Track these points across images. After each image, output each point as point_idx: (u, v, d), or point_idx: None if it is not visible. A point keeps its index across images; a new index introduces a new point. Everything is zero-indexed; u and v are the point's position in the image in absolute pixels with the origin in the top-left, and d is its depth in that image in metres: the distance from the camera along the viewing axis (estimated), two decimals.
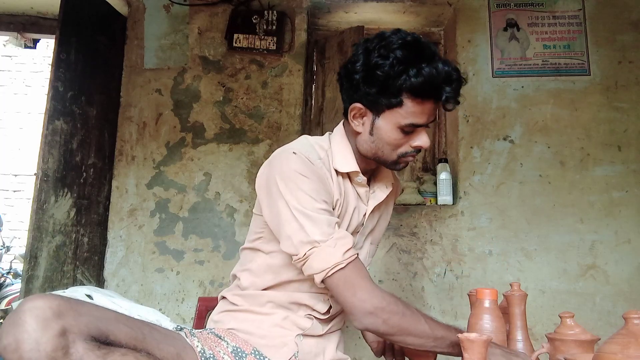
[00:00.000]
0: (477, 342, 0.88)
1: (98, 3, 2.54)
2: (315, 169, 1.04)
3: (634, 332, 0.78)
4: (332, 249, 0.97)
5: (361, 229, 1.17)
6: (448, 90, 0.99)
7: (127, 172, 2.56)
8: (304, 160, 1.03)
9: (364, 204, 1.16)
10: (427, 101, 1.01)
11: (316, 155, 1.09)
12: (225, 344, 1.06)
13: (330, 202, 1.05)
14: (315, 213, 0.98)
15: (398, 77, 0.98)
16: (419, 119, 1.02)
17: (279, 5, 2.63)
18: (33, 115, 6.21)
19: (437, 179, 2.51)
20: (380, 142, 1.07)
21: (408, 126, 1.03)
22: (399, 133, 1.04)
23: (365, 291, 0.97)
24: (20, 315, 0.76)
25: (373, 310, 0.96)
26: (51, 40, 2.82)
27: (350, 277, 0.97)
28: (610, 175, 2.37)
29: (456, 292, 2.34)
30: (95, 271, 2.45)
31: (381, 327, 0.97)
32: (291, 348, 1.07)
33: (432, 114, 1.04)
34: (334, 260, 0.97)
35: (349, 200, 1.13)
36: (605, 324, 2.22)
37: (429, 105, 1.02)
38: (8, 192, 6.19)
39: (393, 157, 1.08)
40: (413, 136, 1.06)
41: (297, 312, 1.11)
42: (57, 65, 2.26)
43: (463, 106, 2.49)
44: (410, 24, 2.88)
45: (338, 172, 1.11)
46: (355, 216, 1.14)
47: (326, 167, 1.09)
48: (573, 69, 2.47)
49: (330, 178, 1.09)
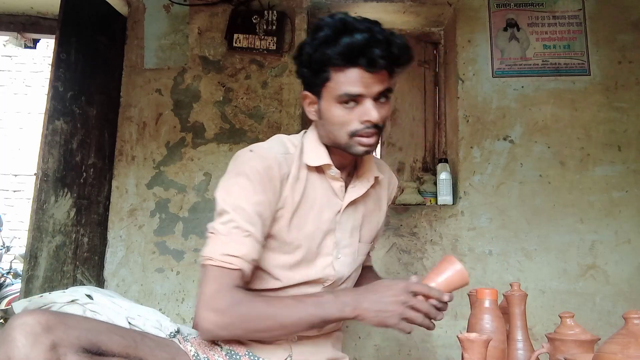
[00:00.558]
0: (477, 342, 0.88)
1: (98, 3, 2.54)
2: (264, 170, 1.02)
3: (634, 332, 0.78)
4: (220, 244, 0.98)
5: (337, 225, 1.12)
6: (371, 52, 0.97)
7: (127, 172, 2.56)
8: (254, 159, 1.04)
9: (339, 199, 1.12)
10: (352, 68, 0.98)
11: (282, 151, 1.08)
12: (219, 347, 1.06)
13: (267, 204, 1.02)
14: (232, 209, 0.99)
15: (320, 52, 1.00)
16: (352, 87, 0.99)
17: (279, 5, 2.63)
18: (33, 115, 6.21)
19: (437, 179, 2.51)
20: (328, 124, 1.04)
21: (343, 97, 1.00)
22: (340, 108, 1.01)
23: (208, 300, 0.95)
24: (10, 332, 0.77)
25: (205, 322, 0.95)
26: (51, 40, 2.82)
27: (210, 277, 0.96)
28: (610, 175, 2.37)
29: (456, 292, 2.33)
30: (95, 271, 2.45)
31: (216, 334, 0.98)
32: (285, 349, 1.07)
33: (370, 82, 0.99)
34: (210, 253, 0.98)
35: (316, 196, 1.09)
36: (605, 324, 2.22)
37: (356, 72, 0.99)
38: (8, 192, 6.20)
39: (344, 137, 1.03)
40: (358, 110, 1.01)
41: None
42: (57, 65, 2.26)
43: (463, 106, 2.49)
44: (410, 24, 2.89)
45: (310, 167, 1.09)
46: (326, 213, 1.10)
47: (291, 164, 1.07)
48: (573, 69, 2.47)
49: (288, 177, 1.06)
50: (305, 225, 1.08)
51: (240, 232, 0.98)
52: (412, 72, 2.89)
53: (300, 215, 1.08)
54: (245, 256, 0.98)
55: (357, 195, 1.13)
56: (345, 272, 1.14)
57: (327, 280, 1.11)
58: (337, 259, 1.12)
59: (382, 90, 1.02)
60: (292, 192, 1.07)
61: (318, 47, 1.01)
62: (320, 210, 1.10)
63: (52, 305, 1.67)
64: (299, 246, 1.08)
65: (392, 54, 0.99)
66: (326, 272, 1.11)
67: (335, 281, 1.13)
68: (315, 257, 1.10)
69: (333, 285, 1.13)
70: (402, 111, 2.86)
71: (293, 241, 1.08)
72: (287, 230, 1.07)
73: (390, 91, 1.04)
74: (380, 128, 1.03)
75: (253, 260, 1.00)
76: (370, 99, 1.01)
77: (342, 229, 1.13)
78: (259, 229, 1.01)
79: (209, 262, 0.97)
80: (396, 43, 1.00)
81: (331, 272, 1.11)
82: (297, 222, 1.08)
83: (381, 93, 1.02)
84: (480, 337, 0.89)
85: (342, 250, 1.13)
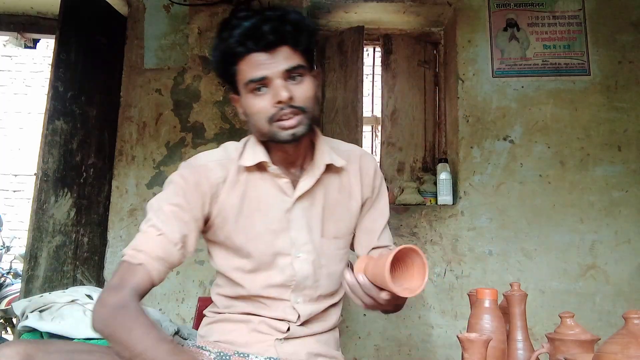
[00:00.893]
0: (477, 342, 0.88)
1: (98, 3, 2.54)
2: (190, 176, 1.04)
3: (634, 332, 0.78)
4: (134, 241, 0.99)
5: (290, 223, 1.07)
6: (260, 32, 0.96)
7: (127, 172, 2.56)
8: (182, 168, 1.07)
9: (287, 196, 1.08)
10: (250, 54, 0.98)
11: (221, 157, 1.09)
12: (207, 352, 1.06)
13: (187, 209, 1.02)
14: (153, 211, 1.02)
15: (220, 49, 1.02)
16: (253, 72, 0.98)
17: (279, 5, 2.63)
18: (33, 115, 6.21)
19: (437, 179, 2.51)
20: (251, 118, 1.03)
21: (250, 84, 0.99)
22: (252, 97, 1.00)
23: (104, 293, 0.95)
24: None
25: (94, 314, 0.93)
26: (51, 40, 2.82)
27: (117, 271, 0.98)
28: (610, 175, 2.37)
29: (456, 292, 2.34)
30: (95, 271, 2.45)
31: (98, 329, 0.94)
32: (271, 353, 1.06)
33: (270, 63, 0.98)
34: (125, 249, 0.99)
35: (260, 197, 1.07)
36: (605, 324, 2.22)
37: (254, 56, 0.98)
38: (8, 192, 6.19)
39: (266, 125, 1.00)
40: (270, 94, 0.99)
41: (268, 317, 1.08)
42: (57, 65, 2.26)
43: (463, 106, 2.50)
44: (410, 24, 2.89)
45: (250, 168, 1.07)
46: (274, 212, 1.07)
47: (230, 168, 1.07)
48: (573, 69, 2.47)
49: (225, 181, 1.05)
50: (253, 227, 1.06)
51: (154, 230, 0.99)
52: (412, 72, 2.89)
53: (246, 217, 1.06)
54: (150, 252, 0.97)
55: (306, 188, 1.07)
56: (309, 270, 1.08)
57: (291, 281, 1.07)
58: (296, 257, 1.07)
59: (289, 68, 0.98)
60: (230, 195, 1.06)
61: (218, 45, 1.02)
62: (267, 210, 1.07)
63: (52, 306, 1.67)
64: (250, 248, 1.06)
65: (282, 29, 0.97)
66: (287, 272, 1.07)
67: (300, 281, 1.08)
68: (273, 258, 1.07)
69: (301, 286, 1.08)
70: (402, 111, 2.86)
71: (243, 244, 1.06)
72: (235, 234, 1.06)
73: (302, 67, 1.00)
74: (303, 108, 0.99)
75: (159, 257, 0.97)
76: (279, 79, 0.98)
77: (297, 226, 1.08)
78: (176, 230, 1.00)
79: (122, 258, 0.99)
80: (289, 18, 0.99)
81: (291, 272, 1.07)
82: (244, 224, 1.06)
83: (290, 71, 0.99)
84: (480, 337, 0.90)
85: (301, 248, 1.08)
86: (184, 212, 1.02)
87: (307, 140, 1.09)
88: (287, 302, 1.08)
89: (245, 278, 1.07)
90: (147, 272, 0.96)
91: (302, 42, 1.01)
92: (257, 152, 1.07)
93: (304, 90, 1.00)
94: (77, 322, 1.59)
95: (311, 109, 1.01)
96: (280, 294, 1.08)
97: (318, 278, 1.09)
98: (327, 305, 1.13)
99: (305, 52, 1.02)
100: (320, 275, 1.10)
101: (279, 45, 0.98)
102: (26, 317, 1.64)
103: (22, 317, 1.67)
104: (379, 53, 3.02)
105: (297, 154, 1.09)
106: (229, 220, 1.06)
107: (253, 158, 1.06)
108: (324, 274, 1.10)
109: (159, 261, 0.98)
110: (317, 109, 1.05)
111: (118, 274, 0.97)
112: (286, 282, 1.07)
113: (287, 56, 0.99)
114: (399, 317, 2.35)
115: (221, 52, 1.02)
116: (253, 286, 1.07)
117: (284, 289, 1.08)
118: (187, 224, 1.02)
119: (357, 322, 2.37)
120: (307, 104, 1.00)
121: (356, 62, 2.73)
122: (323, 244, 1.10)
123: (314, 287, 1.09)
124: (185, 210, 1.02)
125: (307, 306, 1.09)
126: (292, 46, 1.00)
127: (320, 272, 1.10)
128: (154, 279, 0.98)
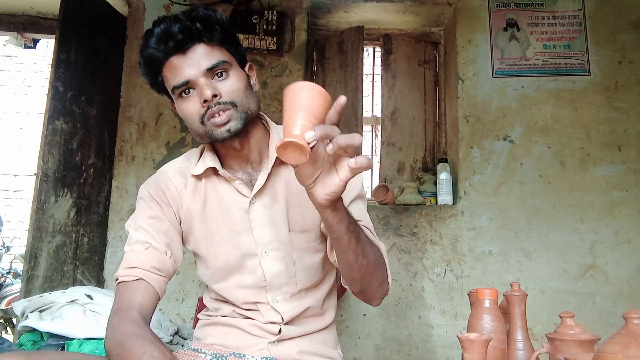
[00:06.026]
0: (477, 342, 0.88)
1: (98, 3, 2.54)
2: (153, 189, 1.07)
3: (634, 332, 0.78)
4: (123, 261, 1.00)
5: (252, 223, 1.05)
6: (170, 34, 0.96)
7: (127, 172, 2.56)
8: (146, 183, 1.10)
9: (244, 196, 1.05)
10: (169, 59, 0.98)
11: (182, 164, 1.10)
12: (203, 355, 1.06)
13: (162, 218, 1.04)
14: (133, 229, 1.04)
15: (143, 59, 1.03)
16: (174, 78, 0.98)
17: (279, 5, 2.63)
18: (33, 115, 6.21)
19: (437, 179, 2.51)
20: (187, 121, 1.02)
21: (175, 90, 0.99)
22: (182, 102, 0.99)
23: (111, 320, 0.94)
24: None
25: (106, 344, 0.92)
26: (51, 40, 2.82)
27: (116, 296, 0.98)
28: (610, 175, 2.37)
29: (456, 292, 2.34)
30: (95, 271, 2.45)
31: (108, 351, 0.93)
32: (266, 354, 1.05)
33: (188, 64, 0.97)
34: (117, 274, 1.00)
35: (220, 200, 1.06)
36: (605, 324, 2.22)
37: (172, 60, 0.98)
38: (8, 192, 6.19)
39: (200, 127, 0.98)
40: (196, 94, 0.98)
41: (256, 319, 1.07)
42: (57, 65, 2.26)
43: (463, 106, 2.50)
44: (410, 24, 2.89)
45: (207, 172, 1.06)
46: (235, 213, 1.05)
47: (187, 176, 1.08)
48: (573, 69, 2.47)
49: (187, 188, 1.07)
50: (218, 230, 1.06)
51: (140, 245, 1.00)
52: (412, 72, 2.89)
53: (210, 222, 1.06)
54: (144, 266, 0.97)
55: (260, 185, 1.04)
56: (280, 268, 1.05)
57: (262, 281, 1.05)
58: (264, 256, 1.05)
59: (210, 67, 0.97)
60: (192, 202, 1.06)
61: (140, 55, 1.03)
62: (228, 213, 1.06)
63: (52, 306, 1.67)
64: (218, 252, 1.06)
65: (192, 27, 0.96)
66: (257, 273, 1.05)
67: (272, 280, 1.05)
68: (241, 260, 1.05)
69: (275, 285, 1.05)
70: (402, 111, 2.86)
71: (210, 250, 1.06)
72: (201, 240, 1.07)
73: (225, 62, 0.99)
74: (232, 102, 0.97)
75: (155, 268, 0.98)
76: (202, 78, 0.96)
77: (259, 225, 1.05)
78: (160, 240, 1.01)
79: (116, 282, 0.99)
80: (198, 15, 0.98)
81: (261, 272, 1.05)
82: (209, 229, 1.06)
83: (212, 69, 0.97)
84: (480, 337, 0.89)
85: (268, 246, 1.05)
86: (161, 222, 1.04)
87: (259, 134, 1.07)
88: (266, 304, 1.06)
89: (221, 284, 1.07)
90: (148, 286, 0.96)
91: (215, 37, 0.99)
92: (207, 158, 1.06)
93: (230, 84, 0.98)
94: (77, 322, 1.59)
95: (243, 102, 0.99)
96: (257, 296, 1.06)
97: (293, 273, 1.06)
98: (317, 298, 1.10)
99: (228, 47, 1.01)
100: (295, 269, 1.06)
101: (192, 43, 0.97)
102: (26, 317, 1.64)
103: (22, 317, 1.67)
104: (379, 53, 3.02)
105: (248, 150, 1.06)
106: (194, 227, 1.07)
107: (203, 165, 1.06)
108: (299, 268, 1.06)
109: (156, 272, 0.98)
110: (254, 101, 1.02)
111: (118, 297, 0.96)
112: (259, 283, 1.05)
113: (205, 54, 0.97)
114: (399, 317, 2.36)
115: (144, 61, 1.02)
116: (228, 292, 1.07)
117: (259, 290, 1.06)
118: (167, 233, 1.04)
119: (357, 322, 2.37)
120: (236, 97, 0.98)
121: (356, 62, 2.73)
122: (292, 238, 1.06)
123: (292, 283, 1.06)
124: (162, 219, 1.04)
125: (289, 304, 1.06)
126: (207, 42, 0.98)
127: (294, 267, 1.06)
128: (157, 291, 0.98)
